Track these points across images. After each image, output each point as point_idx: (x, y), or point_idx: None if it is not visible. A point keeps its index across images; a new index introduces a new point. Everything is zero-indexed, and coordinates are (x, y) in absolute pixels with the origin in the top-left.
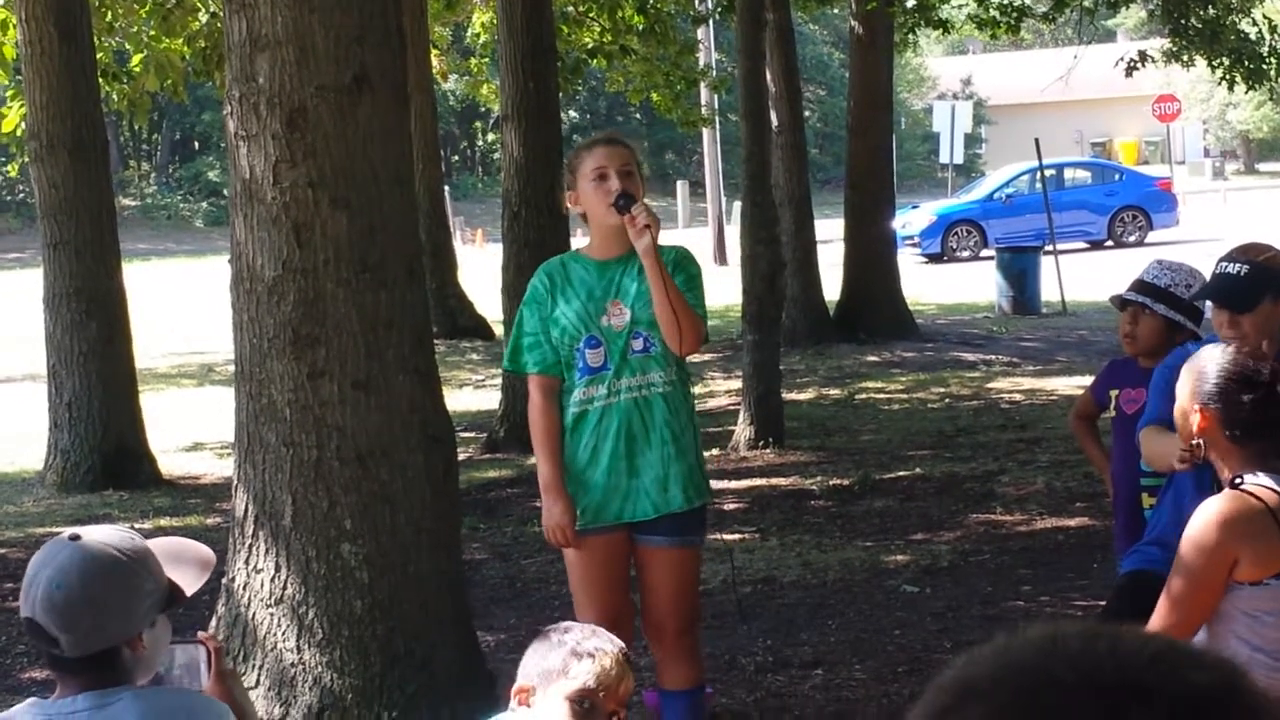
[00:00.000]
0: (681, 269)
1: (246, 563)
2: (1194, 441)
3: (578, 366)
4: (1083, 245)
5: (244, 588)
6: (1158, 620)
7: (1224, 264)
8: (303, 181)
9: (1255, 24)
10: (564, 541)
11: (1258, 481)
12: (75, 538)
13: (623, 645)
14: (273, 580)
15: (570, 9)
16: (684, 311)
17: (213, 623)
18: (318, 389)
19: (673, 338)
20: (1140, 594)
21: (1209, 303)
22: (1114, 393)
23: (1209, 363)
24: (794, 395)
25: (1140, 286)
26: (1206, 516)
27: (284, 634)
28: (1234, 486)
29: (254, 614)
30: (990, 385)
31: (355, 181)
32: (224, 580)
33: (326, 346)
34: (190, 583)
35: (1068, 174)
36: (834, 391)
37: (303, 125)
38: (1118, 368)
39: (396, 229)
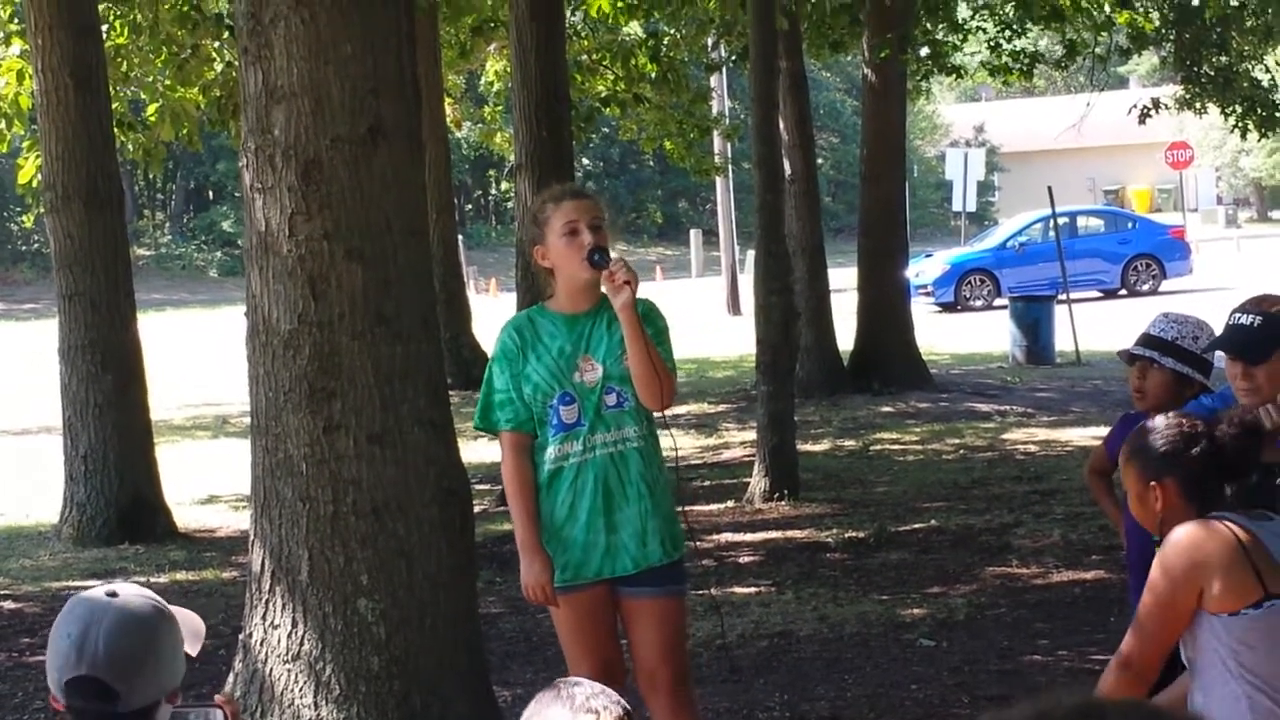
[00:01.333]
0: (650, 322)
1: (264, 619)
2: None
3: (551, 423)
4: (1096, 294)
5: (261, 644)
6: (1126, 644)
7: (1237, 315)
8: (318, 234)
9: (1268, 71)
10: (544, 599)
11: (1225, 517)
12: (113, 594)
13: (627, 707)
14: (290, 636)
15: (584, 57)
16: (662, 368)
17: (230, 679)
18: (334, 443)
19: (654, 395)
20: None
21: (1222, 354)
22: None
23: (1148, 436)
24: (809, 446)
25: (1147, 341)
26: (1175, 542)
27: (301, 690)
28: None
29: (271, 670)
30: (1005, 436)
31: (370, 234)
32: (241, 636)
33: (342, 400)
34: (190, 648)
35: (1081, 222)
36: (849, 442)
37: (318, 177)
38: (1130, 422)
39: (411, 281)
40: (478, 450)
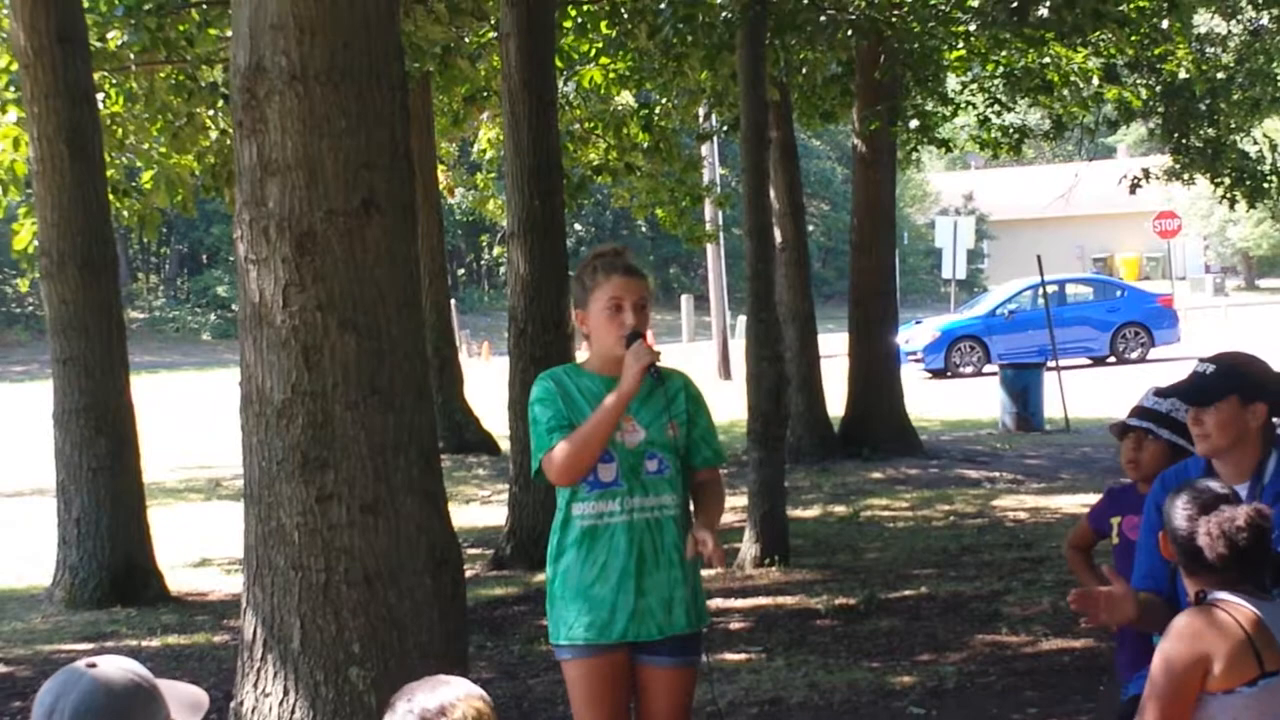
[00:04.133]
0: (701, 408)
1: (255, 686)
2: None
3: (587, 479)
4: (1085, 361)
5: (253, 711)
6: None
7: (1200, 364)
8: (312, 305)
9: (1256, 143)
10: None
11: (1224, 597)
12: (92, 665)
13: (479, 693)
14: (281, 704)
15: (576, 127)
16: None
17: None
18: (326, 512)
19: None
20: None
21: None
22: (1115, 520)
23: (1178, 495)
24: (799, 512)
25: (1141, 413)
26: (1177, 628)
27: None
28: (1199, 602)
29: None
30: (995, 503)
31: (364, 304)
32: (232, 704)
33: (335, 470)
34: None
35: (1070, 290)
36: (839, 509)
37: (312, 249)
38: (1117, 495)
39: (405, 352)
40: (470, 515)
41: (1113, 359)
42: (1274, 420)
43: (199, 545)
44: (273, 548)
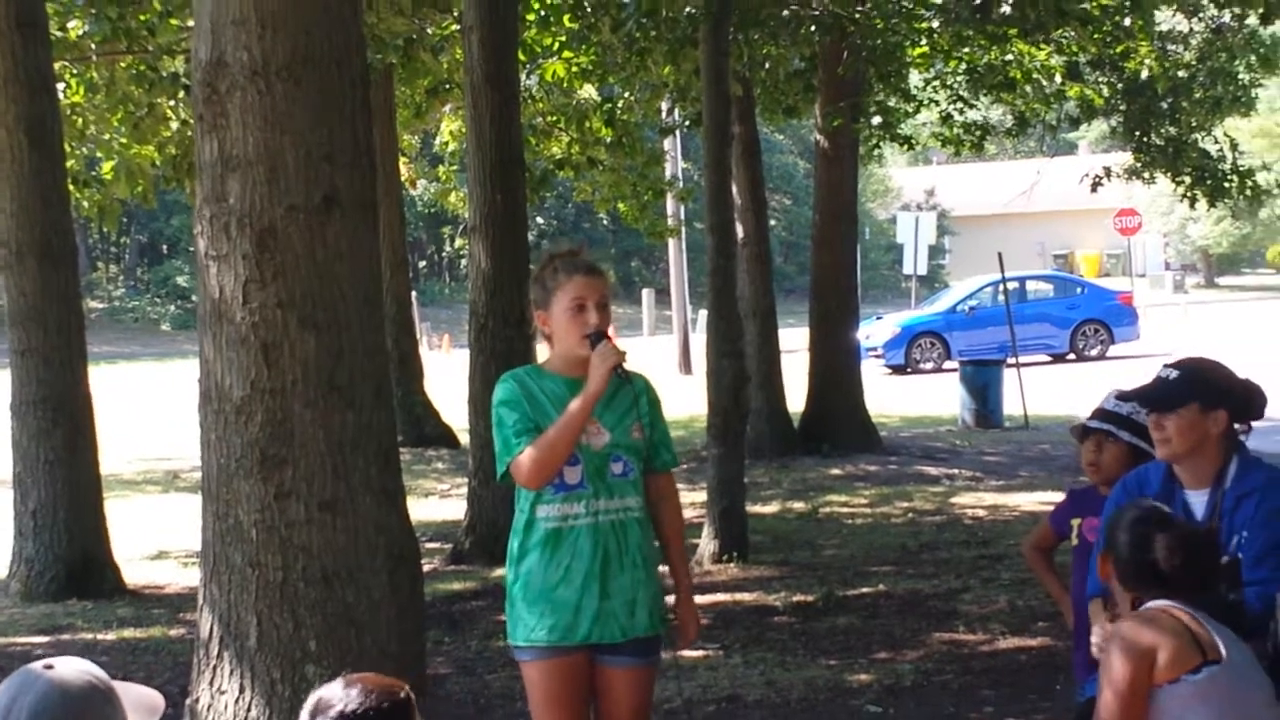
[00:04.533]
0: (657, 410)
1: (211, 684)
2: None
3: (552, 482)
4: (1045, 358)
5: (209, 709)
6: None
7: (1162, 369)
8: (272, 302)
9: (1216, 142)
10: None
11: (1159, 603)
12: (49, 666)
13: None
14: (237, 702)
15: (538, 120)
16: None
17: None
18: (284, 509)
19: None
20: None
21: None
22: (1075, 522)
23: (1119, 510)
24: (758, 508)
25: (1103, 415)
26: (1119, 633)
27: None
28: (1135, 608)
29: None
30: (954, 500)
31: (324, 302)
32: (188, 701)
33: (294, 467)
34: None
35: (1030, 286)
36: (798, 505)
37: (272, 245)
38: (1078, 497)
39: (365, 349)
40: (429, 509)
41: (1073, 356)
42: (1235, 426)
43: (156, 538)
44: (230, 545)
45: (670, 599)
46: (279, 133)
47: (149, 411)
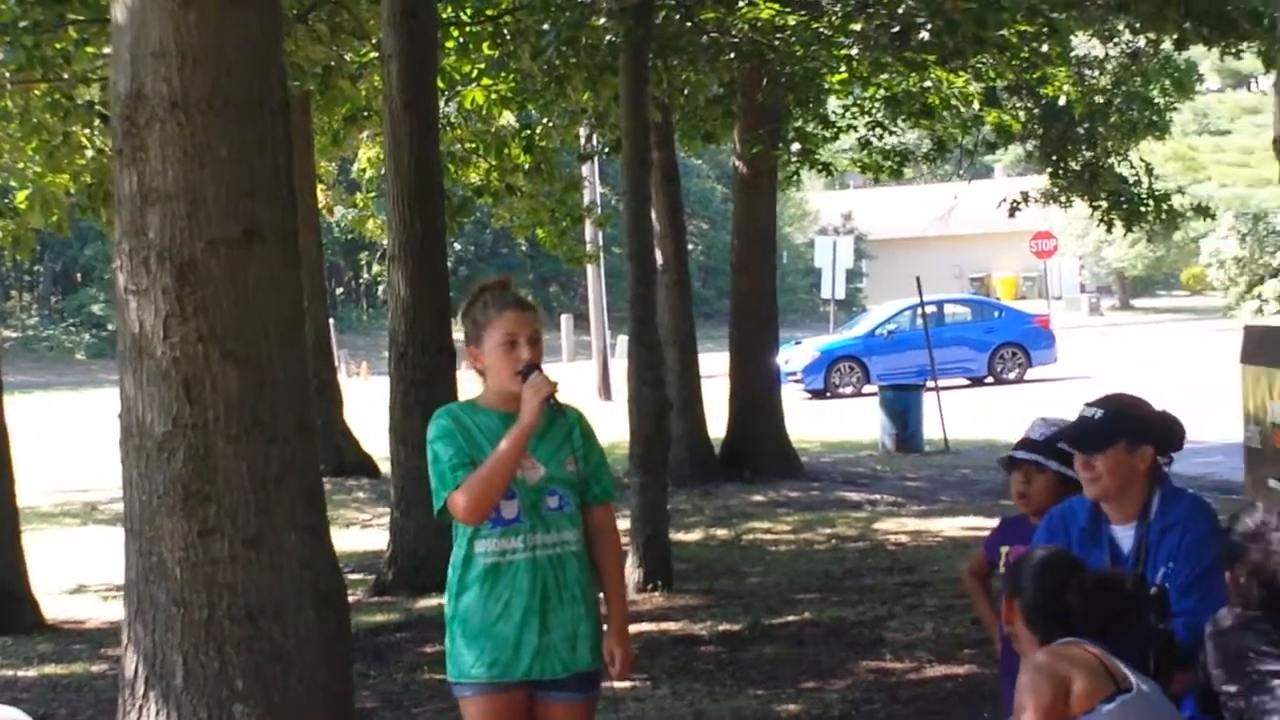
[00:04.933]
0: (592, 445)
1: None
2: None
3: (489, 517)
4: (963, 381)
5: None
6: None
7: (1085, 409)
8: (193, 336)
9: (1132, 166)
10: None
11: (1067, 640)
12: None
13: None
14: None
15: (457, 147)
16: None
17: None
18: (208, 547)
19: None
20: None
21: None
22: (1004, 549)
23: (1024, 559)
24: (681, 536)
25: (1031, 445)
26: (1034, 661)
27: None
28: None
29: None
30: (876, 526)
31: (246, 336)
32: None
33: (217, 503)
34: None
35: (948, 310)
36: (721, 532)
37: (193, 280)
38: (1008, 526)
39: (287, 384)
40: (350, 539)
41: (990, 379)
42: (1158, 459)
43: (75, 571)
44: (154, 583)
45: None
46: (199, 166)
47: (65, 442)
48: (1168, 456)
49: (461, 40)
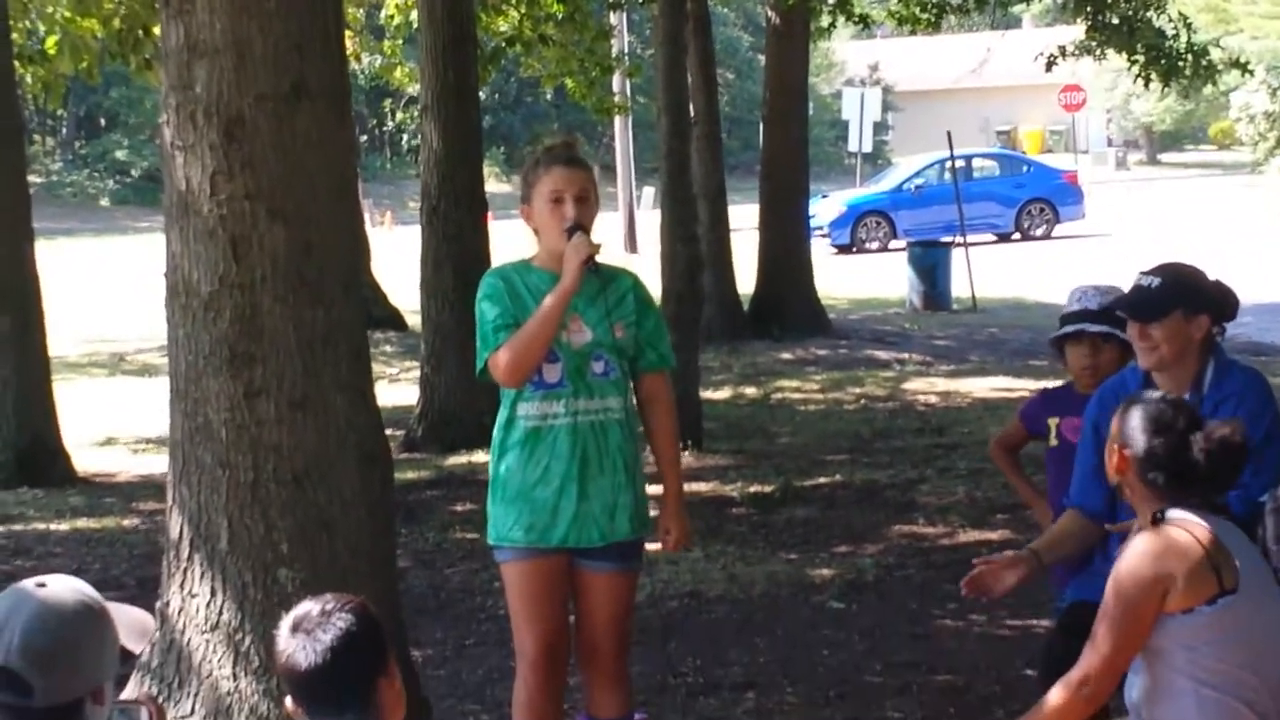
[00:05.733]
0: (646, 304)
1: (181, 587)
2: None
3: (532, 380)
4: (990, 238)
5: (179, 613)
6: (1092, 656)
7: (1141, 277)
8: (240, 194)
9: (1170, 21)
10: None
11: (1179, 515)
12: (42, 585)
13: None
14: (208, 606)
15: None
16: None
17: (147, 649)
18: (254, 408)
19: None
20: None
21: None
22: (1053, 421)
23: (1135, 404)
24: (710, 394)
25: (1093, 317)
26: (1136, 549)
27: (220, 661)
28: (1155, 523)
29: (189, 640)
30: (905, 385)
31: (293, 194)
32: (159, 605)
33: (264, 365)
34: (133, 645)
35: (976, 164)
36: (750, 390)
37: (240, 135)
38: (1053, 396)
39: (335, 244)
40: (379, 393)
41: (1018, 235)
42: (1213, 330)
43: (104, 423)
44: (199, 444)
45: (655, 506)
46: (246, 18)
47: (91, 291)
48: (1221, 327)
49: None
